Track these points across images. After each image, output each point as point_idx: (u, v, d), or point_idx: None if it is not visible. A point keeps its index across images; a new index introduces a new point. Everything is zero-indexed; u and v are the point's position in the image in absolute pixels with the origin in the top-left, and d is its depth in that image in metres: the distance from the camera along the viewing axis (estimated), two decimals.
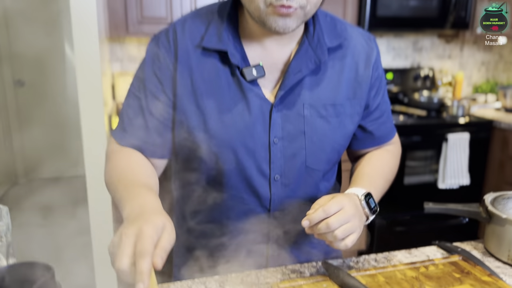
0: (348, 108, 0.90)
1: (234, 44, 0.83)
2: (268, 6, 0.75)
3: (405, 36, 3.21)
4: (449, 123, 2.71)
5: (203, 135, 0.84)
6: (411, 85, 3.17)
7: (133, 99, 0.87)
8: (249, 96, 0.84)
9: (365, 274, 0.86)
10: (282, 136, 0.86)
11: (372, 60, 0.92)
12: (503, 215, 0.97)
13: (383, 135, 1.01)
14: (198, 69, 0.84)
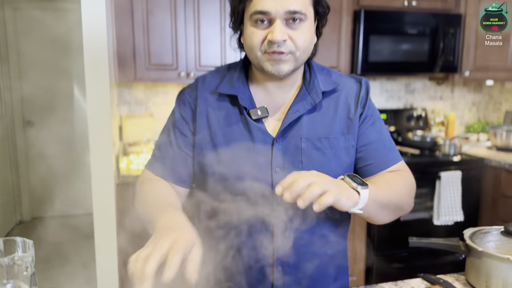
0: (342, 142, 1.03)
1: (243, 90, 1.02)
2: (263, 53, 0.93)
3: (398, 79, 3.39)
4: (442, 161, 2.82)
5: (215, 164, 0.99)
6: (404, 125, 3.31)
7: (165, 136, 1.07)
8: (254, 131, 1.00)
9: None
10: (283, 165, 0.99)
11: (360, 98, 1.05)
12: (479, 248, 1.06)
13: (378, 163, 1.06)
14: (213, 110, 1.03)
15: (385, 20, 2.86)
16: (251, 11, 0.93)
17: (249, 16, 0.94)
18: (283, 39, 0.91)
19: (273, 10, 0.90)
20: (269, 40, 0.92)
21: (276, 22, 0.91)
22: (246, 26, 0.96)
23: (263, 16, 0.92)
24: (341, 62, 2.84)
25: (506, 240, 1.11)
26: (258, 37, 0.93)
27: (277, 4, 0.90)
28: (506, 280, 1.02)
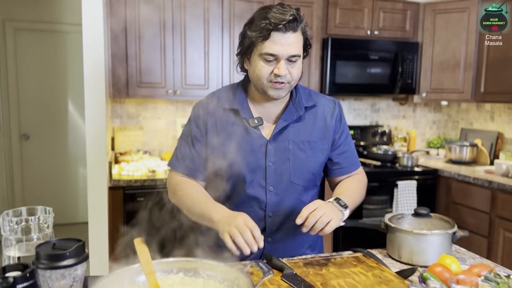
0: (320, 145, 1.39)
1: (243, 105, 1.35)
2: (268, 82, 1.25)
3: (364, 99, 3.76)
4: (400, 171, 3.17)
5: (223, 161, 1.33)
6: (370, 140, 3.67)
7: (183, 141, 1.39)
8: (253, 135, 1.34)
9: (291, 261, 1.26)
10: (274, 161, 1.35)
11: (335, 114, 1.43)
12: (393, 225, 1.39)
13: (348, 166, 1.47)
14: (221, 121, 1.35)
15: (350, 47, 3.24)
16: (263, 51, 1.22)
17: (259, 54, 1.24)
18: (286, 74, 1.23)
19: (280, 53, 1.22)
20: (275, 74, 1.23)
21: (281, 62, 1.23)
22: (255, 60, 1.26)
23: (271, 57, 1.22)
24: (312, 83, 3.21)
25: (415, 220, 1.43)
26: (266, 71, 1.24)
27: (284, 49, 1.21)
28: (412, 249, 1.34)
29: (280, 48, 1.21)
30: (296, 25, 1.23)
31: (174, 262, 1.02)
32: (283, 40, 1.21)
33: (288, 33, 1.21)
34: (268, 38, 1.21)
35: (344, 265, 1.25)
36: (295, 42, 1.23)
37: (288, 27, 1.21)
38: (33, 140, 4.50)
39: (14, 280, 0.91)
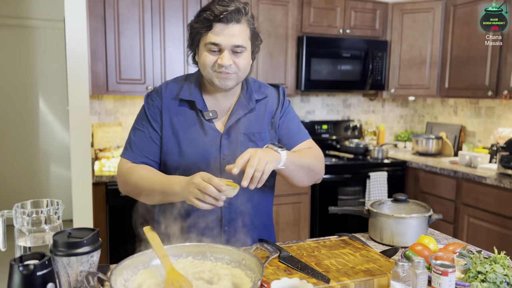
0: (268, 135, 1.44)
1: (198, 97, 1.36)
2: (213, 71, 1.27)
3: (336, 95, 3.92)
4: (371, 163, 3.34)
5: (177, 154, 1.34)
6: (343, 134, 3.83)
7: (137, 131, 1.36)
8: (207, 129, 1.35)
9: (285, 245, 1.36)
10: (228, 154, 1.37)
11: (279, 101, 1.47)
12: (375, 210, 1.51)
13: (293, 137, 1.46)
14: (175, 113, 1.35)
15: (324, 45, 3.37)
16: (206, 41, 1.25)
17: (204, 44, 1.26)
18: (229, 63, 1.25)
19: (222, 43, 1.24)
20: (219, 64, 1.25)
21: (225, 52, 1.25)
22: (201, 50, 1.29)
23: (215, 47, 1.25)
24: (288, 79, 3.32)
25: (395, 205, 1.56)
26: (210, 60, 1.26)
27: (226, 39, 1.24)
28: (392, 231, 1.47)
29: (222, 38, 1.23)
30: (240, 17, 1.25)
31: (183, 247, 1.10)
32: (225, 31, 1.23)
33: (231, 24, 1.23)
34: (211, 29, 1.24)
35: (333, 247, 1.36)
36: (239, 33, 1.25)
37: (230, 18, 1.23)
38: (4, 138, 4.38)
39: (34, 267, 0.96)
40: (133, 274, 1.00)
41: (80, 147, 2.35)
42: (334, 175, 3.20)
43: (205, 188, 1.07)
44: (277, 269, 1.17)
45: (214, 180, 1.07)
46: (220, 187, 1.06)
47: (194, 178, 1.11)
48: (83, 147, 2.34)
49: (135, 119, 1.41)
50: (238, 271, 1.03)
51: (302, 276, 1.12)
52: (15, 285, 0.95)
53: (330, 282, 1.09)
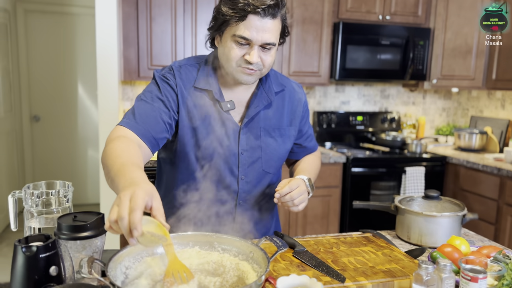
0: (287, 131, 1.37)
1: (216, 86, 1.26)
2: (238, 66, 1.18)
3: (374, 85, 3.75)
4: (408, 158, 3.18)
5: (194, 145, 1.27)
6: (379, 127, 3.67)
7: (146, 104, 1.20)
8: (225, 121, 1.27)
9: (302, 239, 1.29)
10: (246, 149, 1.30)
11: (302, 101, 1.42)
12: (403, 206, 1.41)
13: (311, 148, 1.51)
14: (192, 102, 1.25)
15: (361, 32, 3.22)
16: (236, 33, 1.13)
17: (232, 35, 1.15)
18: (257, 61, 1.17)
19: (254, 39, 1.13)
20: (246, 60, 1.16)
21: (254, 48, 1.15)
22: (226, 39, 1.17)
23: (244, 41, 1.14)
24: (322, 68, 3.20)
25: (425, 202, 1.45)
26: (236, 54, 1.16)
27: (258, 36, 1.13)
28: (421, 230, 1.36)
29: (255, 34, 1.13)
30: (276, 11, 1.14)
31: (190, 236, 1.05)
32: (259, 25, 1.12)
33: (266, 18, 1.13)
34: (243, 20, 1.12)
35: (354, 244, 1.27)
36: (272, 29, 1.15)
37: (268, 12, 1.12)
38: (44, 122, 4.55)
39: (37, 249, 0.94)
40: (136, 261, 0.97)
41: (108, 131, 2.37)
42: (368, 169, 3.07)
43: (120, 215, 0.76)
44: (289, 264, 1.10)
45: (136, 215, 0.75)
46: (134, 228, 0.75)
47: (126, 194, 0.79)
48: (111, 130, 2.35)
49: (142, 92, 1.26)
50: (245, 264, 0.97)
51: (316, 273, 1.05)
52: (18, 266, 0.94)
53: (345, 281, 1.01)
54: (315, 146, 1.53)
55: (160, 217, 0.80)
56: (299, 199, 1.22)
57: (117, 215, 0.76)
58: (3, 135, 3.88)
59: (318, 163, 1.51)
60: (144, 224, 0.77)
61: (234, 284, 0.90)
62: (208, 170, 1.28)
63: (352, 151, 3.23)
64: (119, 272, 0.90)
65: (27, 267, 0.93)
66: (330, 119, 3.53)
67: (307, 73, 3.13)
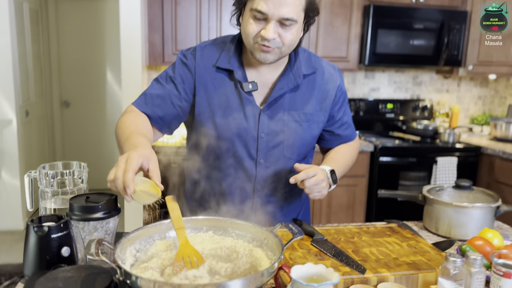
0: (316, 117, 1.29)
1: (238, 66, 1.21)
2: (255, 43, 1.13)
3: (406, 72, 3.60)
4: (440, 147, 3.04)
5: (211, 127, 1.22)
6: (410, 115, 3.53)
7: (158, 85, 1.23)
8: (245, 103, 1.22)
9: (322, 228, 1.23)
10: (267, 132, 1.24)
11: (336, 84, 1.32)
12: (431, 196, 1.33)
13: (347, 137, 1.41)
14: (211, 82, 1.22)
15: (393, 15, 3.08)
16: (253, 6, 1.09)
17: (250, 9, 1.10)
18: (274, 38, 1.09)
19: (269, 13, 1.07)
20: (261, 36, 1.10)
21: (271, 23, 1.08)
22: (245, 14, 1.14)
23: (260, 15, 1.08)
24: (350, 52, 3.09)
25: (456, 192, 1.36)
26: (253, 29, 1.11)
27: (275, 9, 1.06)
28: (450, 221, 1.28)
29: (270, 7, 1.06)
30: None
31: (204, 220, 1.02)
32: None
33: None
34: None
35: (377, 234, 1.20)
36: (292, 3, 1.07)
37: None
38: (73, 108, 4.64)
39: (49, 229, 0.93)
40: (147, 244, 0.94)
41: None
42: (397, 158, 2.96)
43: (116, 175, 0.86)
44: (307, 252, 1.05)
45: (129, 175, 0.84)
46: (127, 187, 0.84)
47: (124, 156, 0.90)
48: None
49: (162, 73, 1.27)
50: (259, 251, 0.93)
51: (334, 263, 0.99)
52: (31, 246, 0.93)
53: (366, 273, 0.95)
54: (352, 136, 1.43)
55: (155, 178, 0.89)
56: (314, 188, 1.15)
57: (113, 176, 0.86)
58: (34, 120, 3.98)
59: (352, 155, 1.41)
60: (139, 184, 0.87)
61: (246, 271, 0.86)
62: (226, 153, 1.25)
63: (381, 140, 3.12)
64: (129, 255, 0.88)
65: (39, 247, 0.92)
66: (358, 107, 3.42)
67: (335, 58, 3.03)
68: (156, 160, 0.92)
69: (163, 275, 0.83)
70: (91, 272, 0.85)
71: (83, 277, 0.83)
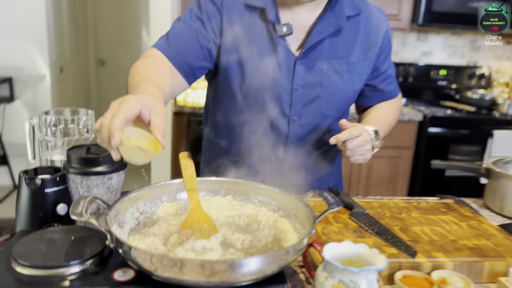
0: (359, 67, 1.09)
1: (271, 4, 1.03)
2: None
3: (463, 35, 3.24)
4: (497, 119, 2.73)
5: (239, 76, 1.05)
6: (465, 83, 3.20)
7: (182, 24, 1.03)
8: (278, 48, 1.03)
9: (363, 200, 1.05)
10: (303, 84, 1.06)
11: (383, 30, 1.11)
12: (498, 169, 1.10)
13: (390, 93, 1.21)
14: (240, 21, 1.03)
15: None
16: None
17: None
18: None
19: None
20: None
21: None
22: None
23: None
24: (403, 10, 2.78)
25: None
26: None
27: None
28: None
29: None
30: None
31: (223, 182, 0.86)
32: None
33: None
34: None
35: (430, 211, 1.01)
36: None
37: None
38: (109, 66, 4.58)
39: (43, 182, 0.80)
40: (154, 206, 0.80)
41: None
42: (447, 129, 2.68)
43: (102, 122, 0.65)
44: (344, 227, 0.87)
45: (116, 121, 0.63)
46: (112, 136, 0.62)
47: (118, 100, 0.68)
48: None
49: (185, 11, 1.07)
50: (285, 222, 0.77)
51: (377, 242, 0.81)
52: (23, 200, 0.81)
53: (417, 256, 0.77)
54: (395, 92, 1.23)
55: (156, 131, 0.67)
56: (359, 150, 0.99)
57: (99, 124, 0.65)
58: (69, 77, 3.95)
59: (395, 114, 1.22)
60: (133, 137, 0.66)
61: (267, 245, 0.70)
62: (254, 108, 1.07)
63: (431, 109, 2.84)
64: (129, 217, 0.74)
65: (31, 203, 0.80)
66: (408, 72, 3.12)
67: None
68: (162, 111, 0.70)
69: (167, 244, 0.68)
70: (84, 235, 0.71)
71: (72, 240, 0.69)
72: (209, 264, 0.56)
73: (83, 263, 0.63)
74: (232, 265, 0.56)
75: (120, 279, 0.61)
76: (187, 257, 0.63)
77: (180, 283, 0.58)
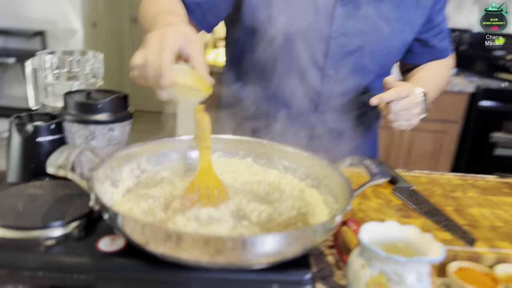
0: (411, 16, 0.91)
1: None
2: None
3: None
4: None
5: (264, 21, 0.87)
6: None
7: None
8: None
9: (409, 174, 0.89)
10: (343, 32, 0.88)
11: None
12: None
13: (442, 51, 1.03)
14: None
15: None
16: None
17: None
18: None
19: None
20: None
21: None
22: None
23: None
24: None
25: None
26: None
27: None
28: None
29: None
30: None
31: (242, 142, 0.72)
32: None
33: None
34: None
35: (490, 190, 0.84)
36: None
37: None
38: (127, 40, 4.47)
39: (35, 130, 0.69)
40: (159, 164, 0.68)
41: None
42: (501, 103, 2.41)
43: (147, 58, 0.57)
44: (386, 205, 0.73)
45: (166, 57, 0.56)
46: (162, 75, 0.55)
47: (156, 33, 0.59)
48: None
49: None
50: (314, 193, 0.63)
51: (427, 224, 0.67)
52: (14, 149, 0.71)
53: (476, 245, 0.62)
54: (447, 50, 1.04)
55: (201, 67, 0.59)
56: (404, 114, 0.83)
57: (142, 59, 0.57)
58: (102, 33, 3.88)
59: (446, 77, 1.05)
60: (179, 75, 0.58)
61: (289, 220, 0.56)
62: (282, 58, 0.90)
63: (484, 80, 2.56)
64: (128, 175, 0.62)
65: (22, 152, 0.70)
66: (461, 39, 2.83)
67: None
68: (199, 44, 0.62)
69: (168, 210, 0.56)
70: (73, 192, 0.60)
71: (57, 197, 0.58)
72: (213, 240, 0.43)
73: (64, 226, 0.52)
74: (242, 244, 0.43)
75: (106, 249, 0.50)
76: (189, 227, 0.51)
77: (178, 262, 0.46)
